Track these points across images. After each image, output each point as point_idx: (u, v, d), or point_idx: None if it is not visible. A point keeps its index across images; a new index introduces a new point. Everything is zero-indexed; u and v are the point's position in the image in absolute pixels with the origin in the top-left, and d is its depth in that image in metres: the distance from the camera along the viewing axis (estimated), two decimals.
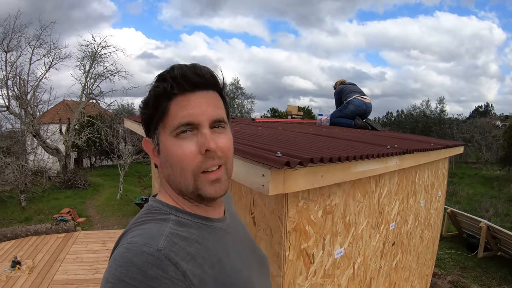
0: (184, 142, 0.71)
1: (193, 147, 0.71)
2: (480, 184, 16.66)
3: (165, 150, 0.74)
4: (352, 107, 4.67)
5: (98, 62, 15.37)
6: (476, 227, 7.05)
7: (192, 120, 0.71)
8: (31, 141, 13.76)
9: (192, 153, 0.71)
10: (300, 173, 1.27)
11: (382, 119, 30.92)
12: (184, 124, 0.71)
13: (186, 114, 0.71)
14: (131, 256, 0.61)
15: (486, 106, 38.99)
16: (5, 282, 5.36)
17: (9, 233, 7.37)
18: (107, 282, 0.60)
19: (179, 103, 0.72)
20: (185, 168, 0.72)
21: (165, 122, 0.73)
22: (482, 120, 25.84)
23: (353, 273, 2.00)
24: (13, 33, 13.21)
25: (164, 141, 0.73)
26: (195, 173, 0.72)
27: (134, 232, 0.68)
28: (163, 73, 0.73)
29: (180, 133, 0.72)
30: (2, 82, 13.13)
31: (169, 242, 0.65)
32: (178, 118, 0.71)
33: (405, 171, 2.54)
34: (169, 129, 0.72)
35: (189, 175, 0.72)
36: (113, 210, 10.64)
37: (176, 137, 0.72)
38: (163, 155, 0.75)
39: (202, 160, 0.72)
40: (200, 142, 0.71)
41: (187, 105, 0.72)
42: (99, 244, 7.09)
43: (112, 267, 0.62)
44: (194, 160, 0.71)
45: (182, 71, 0.71)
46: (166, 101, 0.72)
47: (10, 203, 10.79)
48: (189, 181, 0.73)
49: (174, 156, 0.72)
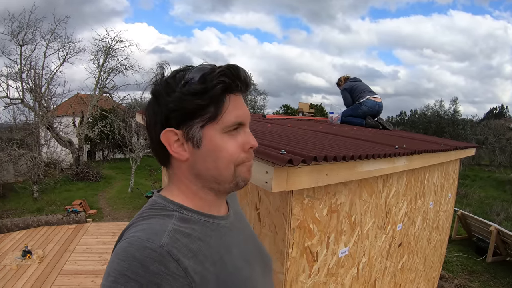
0: (233, 138, 0.75)
1: (239, 143, 0.76)
2: (492, 187, 16.37)
3: (213, 145, 0.74)
4: (365, 108, 4.63)
5: (112, 57, 15.51)
6: (486, 230, 6.94)
7: (244, 120, 0.76)
8: (44, 133, 13.96)
9: (239, 147, 0.76)
10: (304, 171, 1.27)
11: (396, 118, 30.60)
12: (239, 123, 0.75)
13: (241, 114, 0.75)
14: (134, 250, 0.62)
15: (501, 108, 38.27)
16: (16, 270, 5.49)
17: (21, 223, 7.54)
18: (109, 275, 0.61)
19: (234, 102, 0.74)
20: (231, 162, 0.75)
21: (219, 118, 0.73)
22: (496, 122, 25.32)
23: (358, 272, 1.99)
24: (28, 27, 13.38)
25: (213, 135, 0.73)
26: (236, 165, 0.76)
27: (137, 227, 0.69)
28: (224, 69, 0.73)
29: (231, 131, 0.75)
30: (17, 75, 13.32)
31: (171, 239, 0.65)
32: (235, 116, 0.74)
33: (413, 172, 2.52)
34: (223, 125, 0.73)
35: (232, 166, 0.75)
36: (124, 203, 10.76)
37: (226, 133, 0.74)
38: (208, 149, 0.74)
39: (246, 156, 0.77)
40: (245, 140, 0.76)
41: (239, 105, 0.76)
42: (109, 235, 7.20)
43: (114, 261, 0.63)
44: (240, 154, 0.76)
45: (242, 72, 0.74)
46: (224, 96, 0.73)
47: (23, 194, 10.99)
48: (231, 172, 0.76)
49: (224, 151, 0.74)
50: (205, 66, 0.74)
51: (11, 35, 13.13)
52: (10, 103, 13.70)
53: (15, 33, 13.18)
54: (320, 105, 25.96)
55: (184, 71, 0.75)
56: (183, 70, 0.76)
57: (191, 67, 0.75)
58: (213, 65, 0.75)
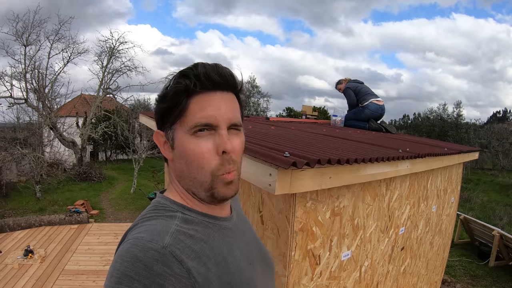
0: (201, 140, 0.72)
1: (210, 145, 0.72)
2: (495, 192, 16.31)
3: (181, 147, 0.74)
4: (368, 112, 4.65)
5: (116, 58, 15.58)
6: (488, 235, 6.91)
7: (211, 122, 0.72)
8: (48, 134, 14.02)
9: (209, 151, 0.72)
10: (308, 174, 1.26)
11: (399, 121, 30.57)
12: (203, 124, 0.72)
13: (205, 115, 0.71)
14: (137, 251, 0.62)
15: (504, 111, 38.13)
16: (17, 270, 5.51)
17: (23, 222, 7.56)
18: (112, 276, 0.61)
19: (199, 102, 0.72)
20: (203, 167, 0.72)
21: (183, 119, 0.73)
22: (499, 126, 25.23)
23: (360, 276, 1.98)
24: (32, 27, 13.46)
25: (180, 137, 0.74)
26: (214, 174, 0.73)
27: (140, 227, 0.69)
28: (185, 70, 0.73)
29: (197, 131, 0.72)
30: (21, 75, 13.40)
31: (175, 239, 0.66)
32: (197, 117, 0.72)
33: (417, 176, 2.51)
34: (187, 126, 0.72)
35: (207, 174, 0.73)
36: (126, 204, 10.77)
37: (193, 135, 0.72)
38: (177, 151, 0.75)
39: (221, 163, 0.73)
40: (218, 143, 0.72)
41: (207, 105, 0.72)
42: (111, 236, 7.21)
43: (117, 262, 0.63)
44: (213, 160, 0.72)
45: (205, 69, 0.72)
46: (186, 98, 0.72)
47: (25, 193, 11.02)
48: (206, 180, 0.73)
49: (191, 154, 0.72)
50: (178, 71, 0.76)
51: (15, 35, 13.23)
52: (14, 103, 13.76)
53: (19, 33, 13.28)
54: (323, 108, 25.96)
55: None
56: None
57: None
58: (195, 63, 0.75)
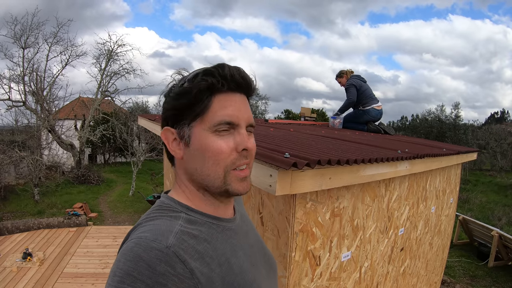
0: (222, 138, 0.74)
1: (231, 143, 0.74)
2: (494, 192, 16.33)
3: (200, 144, 0.74)
4: (368, 117, 4.68)
5: (114, 60, 15.58)
6: (487, 235, 6.92)
7: (233, 120, 0.74)
8: (46, 136, 14.00)
9: (229, 148, 0.74)
10: (308, 175, 1.27)
11: (397, 123, 30.61)
12: (226, 122, 0.73)
13: (229, 113, 0.73)
14: (140, 251, 0.62)
15: (502, 112, 38.23)
16: (16, 273, 5.48)
17: (21, 225, 7.53)
18: (114, 275, 0.61)
19: (222, 101, 0.74)
20: (219, 163, 0.74)
21: (205, 117, 0.73)
22: (497, 126, 25.31)
23: (360, 277, 1.99)
24: (30, 30, 13.46)
25: (200, 134, 0.74)
26: (227, 169, 0.74)
27: (144, 227, 0.69)
28: (211, 68, 0.74)
29: (219, 130, 0.73)
30: (19, 78, 13.39)
31: (178, 240, 0.66)
32: (220, 115, 0.73)
33: (416, 176, 2.52)
34: (209, 124, 0.73)
35: (221, 170, 0.74)
36: (125, 207, 10.76)
37: (213, 132, 0.73)
38: (195, 148, 0.75)
39: (237, 158, 0.75)
40: (239, 141, 0.74)
41: (229, 105, 0.74)
42: (109, 239, 7.18)
43: (120, 261, 0.63)
44: (230, 156, 0.74)
45: (231, 70, 0.74)
46: (210, 96, 0.73)
47: (24, 196, 11.00)
48: (220, 176, 0.74)
49: (209, 150, 0.73)
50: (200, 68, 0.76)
51: (13, 38, 13.24)
52: (12, 106, 13.77)
53: (17, 36, 13.29)
54: (321, 110, 26.01)
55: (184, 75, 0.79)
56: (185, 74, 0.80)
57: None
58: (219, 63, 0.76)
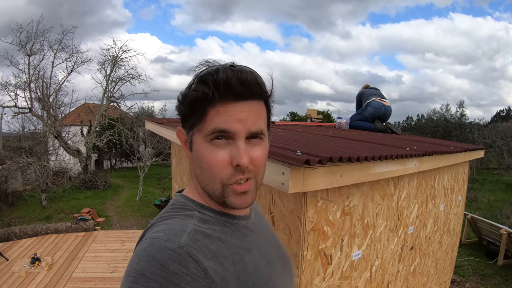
0: (217, 149, 0.69)
1: (226, 156, 0.69)
2: (501, 191, 16.19)
3: (197, 152, 0.73)
4: (371, 110, 4.65)
5: (119, 66, 15.69)
6: (496, 234, 6.87)
7: (227, 128, 0.68)
8: (53, 142, 14.11)
9: (224, 162, 0.69)
10: (320, 172, 1.27)
11: (402, 123, 30.41)
12: (219, 130, 0.68)
13: (222, 121, 0.68)
14: (154, 251, 0.62)
15: (508, 110, 37.89)
16: (25, 277, 5.52)
17: (29, 230, 7.59)
18: (128, 275, 0.61)
19: (218, 110, 0.68)
20: (214, 176, 0.71)
21: (201, 126, 0.71)
22: (504, 124, 25.06)
23: (371, 276, 1.98)
24: (35, 37, 13.62)
25: (198, 142, 0.72)
26: (223, 182, 0.71)
27: (158, 227, 0.69)
28: (205, 75, 0.69)
29: (214, 139, 0.69)
30: (25, 85, 13.54)
31: (191, 239, 0.66)
32: (213, 123, 0.68)
33: (424, 174, 2.51)
34: (204, 133, 0.70)
35: (217, 183, 0.71)
36: (132, 211, 10.81)
37: (210, 142, 0.70)
38: (194, 155, 0.74)
39: (232, 173, 0.70)
40: (233, 154, 0.69)
41: (224, 112, 0.68)
42: (117, 243, 7.21)
43: (134, 261, 0.63)
44: (225, 170, 0.70)
45: (226, 76, 0.67)
46: (204, 106, 0.69)
47: (31, 202, 11.09)
48: (217, 188, 0.72)
49: (205, 161, 0.71)
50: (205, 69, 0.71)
51: (19, 45, 13.40)
52: (18, 112, 13.93)
53: (23, 43, 13.46)
54: (326, 111, 26.01)
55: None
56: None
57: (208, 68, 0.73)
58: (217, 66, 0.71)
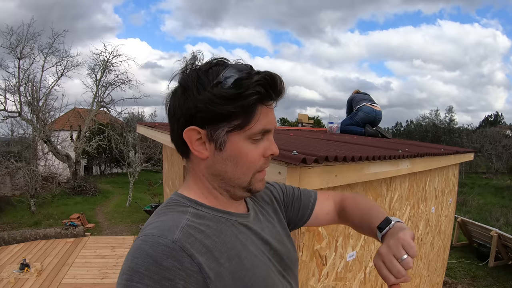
0: (256, 146, 0.75)
1: (261, 149, 0.76)
2: (491, 194, 16.40)
3: (235, 151, 0.73)
4: (362, 114, 4.69)
5: (109, 71, 15.56)
6: (487, 236, 6.94)
7: (270, 128, 0.76)
8: (42, 147, 13.88)
9: (260, 155, 0.76)
10: (315, 172, 1.28)
11: (392, 129, 30.67)
12: (265, 131, 0.75)
13: (268, 122, 0.74)
14: (147, 247, 0.62)
15: (496, 115, 38.46)
16: (13, 284, 5.40)
17: (18, 236, 7.45)
18: (123, 274, 0.61)
19: (264, 111, 0.73)
20: (250, 169, 0.76)
21: (247, 126, 0.71)
22: (492, 129, 25.40)
23: (365, 277, 1.99)
24: (26, 40, 13.44)
25: (237, 141, 0.73)
26: (255, 172, 0.77)
27: (152, 224, 0.69)
28: (263, 79, 0.70)
29: (256, 139, 0.74)
30: (15, 89, 13.33)
31: (185, 234, 0.65)
32: (262, 124, 0.73)
33: (415, 176, 2.54)
34: (248, 133, 0.72)
35: (251, 174, 0.76)
36: (122, 217, 10.67)
37: (249, 140, 0.73)
38: (228, 154, 0.74)
39: (264, 162, 0.78)
40: (267, 146, 0.77)
41: (270, 113, 0.75)
42: (108, 249, 7.12)
43: (128, 259, 0.63)
44: (259, 162, 0.77)
45: (279, 82, 0.73)
46: (256, 106, 0.71)
47: (20, 207, 10.90)
48: (248, 179, 0.77)
49: (244, 158, 0.74)
50: (241, 67, 0.72)
51: (9, 48, 13.18)
52: (7, 116, 13.68)
53: (13, 46, 13.23)
54: (317, 117, 26.15)
55: (218, 67, 0.72)
56: (217, 65, 0.73)
57: (225, 63, 0.73)
58: (248, 66, 0.73)
